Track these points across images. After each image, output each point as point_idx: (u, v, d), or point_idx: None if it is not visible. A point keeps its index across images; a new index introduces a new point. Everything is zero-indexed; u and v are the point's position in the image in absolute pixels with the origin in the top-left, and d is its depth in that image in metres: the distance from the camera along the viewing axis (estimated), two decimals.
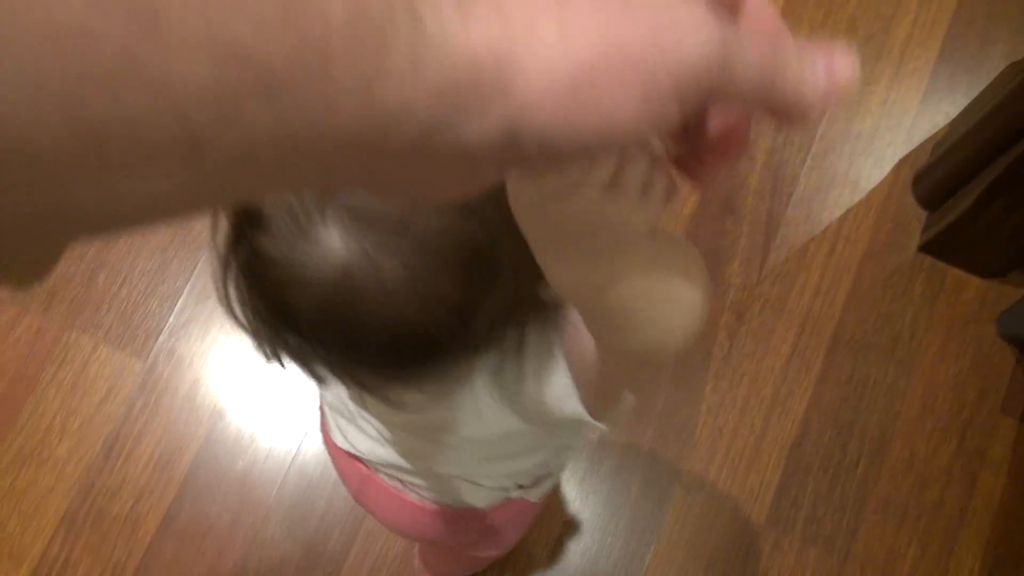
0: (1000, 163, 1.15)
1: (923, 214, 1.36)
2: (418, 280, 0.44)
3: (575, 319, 0.50)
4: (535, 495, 0.81)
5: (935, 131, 1.40)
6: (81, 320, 1.31)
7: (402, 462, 0.73)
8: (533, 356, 0.54)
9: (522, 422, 0.59)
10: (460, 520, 0.80)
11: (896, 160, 1.39)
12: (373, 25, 0.19)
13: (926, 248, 1.33)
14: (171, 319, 1.31)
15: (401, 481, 0.77)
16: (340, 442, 0.78)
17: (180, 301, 1.32)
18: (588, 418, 0.53)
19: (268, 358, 0.51)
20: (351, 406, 0.72)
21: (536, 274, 0.39)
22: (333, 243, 0.43)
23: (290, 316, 0.46)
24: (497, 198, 0.37)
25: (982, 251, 1.29)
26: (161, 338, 1.31)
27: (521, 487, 0.79)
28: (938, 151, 1.35)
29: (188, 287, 1.32)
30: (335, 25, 0.19)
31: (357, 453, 0.76)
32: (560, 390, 0.53)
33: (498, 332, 0.51)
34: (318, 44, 0.19)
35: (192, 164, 0.18)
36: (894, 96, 1.41)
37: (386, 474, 0.77)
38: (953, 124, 1.37)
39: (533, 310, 0.52)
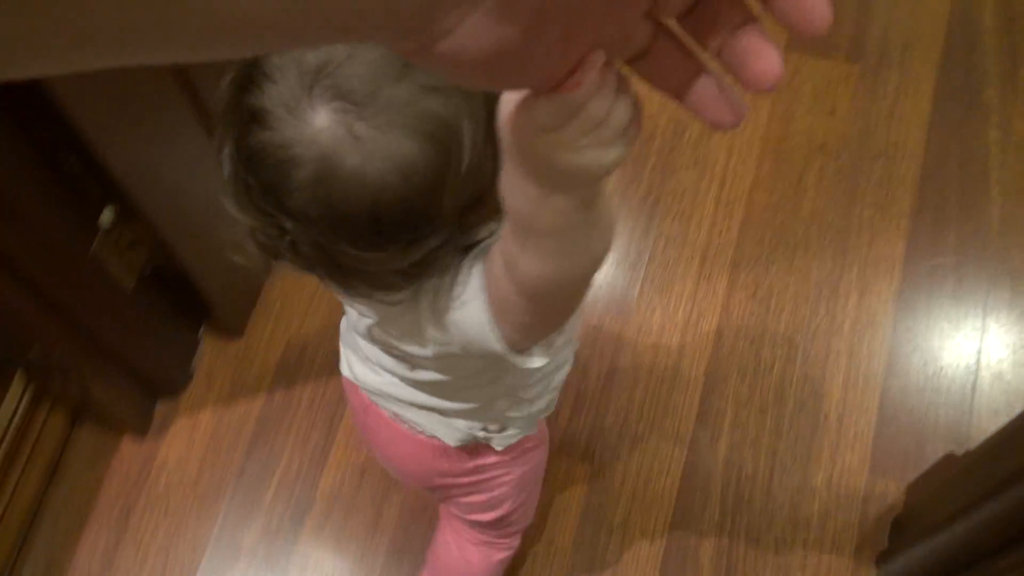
0: None
1: None
2: (391, 145, 0.51)
3: (496, 261, 0.55)
4: (500, 442, 0.87)
5: (891, 502, 1.29)
6: None
7: (388, 389, 0.81)
8: (461, 286, 0.60)
9: (454, 347, 0.65)
10: (444, 457, 0.88)
11: (854, 543, 1.27)
12: None
13: None
14: None
15: (393, 413, 0.85)
16: (345, 371, 0.87)
17: None
18: (506, 351, 0.61)
19: (271, 256, 0.59)
20: (353, 332, 0.79)
21: (490, 177, 0.51)
22: (319, 120, 0.51)
23: (286, 198, 0.54)
24: (461, 89, 0.50)
25: None
26: None
27: (486, 430, 0.85)
28: (896, 536, 1.24)
29: None
30: None
31: (356, 381, 0.85)
32: (478, 322, 0.60)
33: (463, 222, 0.57)
34: None
35: None
36: (839, 470, 1.31)
37: (381, 405, 0.85)
38: (908, 502, 1.26)
39: (478, 222, 0.58)
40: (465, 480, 0.93)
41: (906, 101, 1.51)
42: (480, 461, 0.90)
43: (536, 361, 0.64)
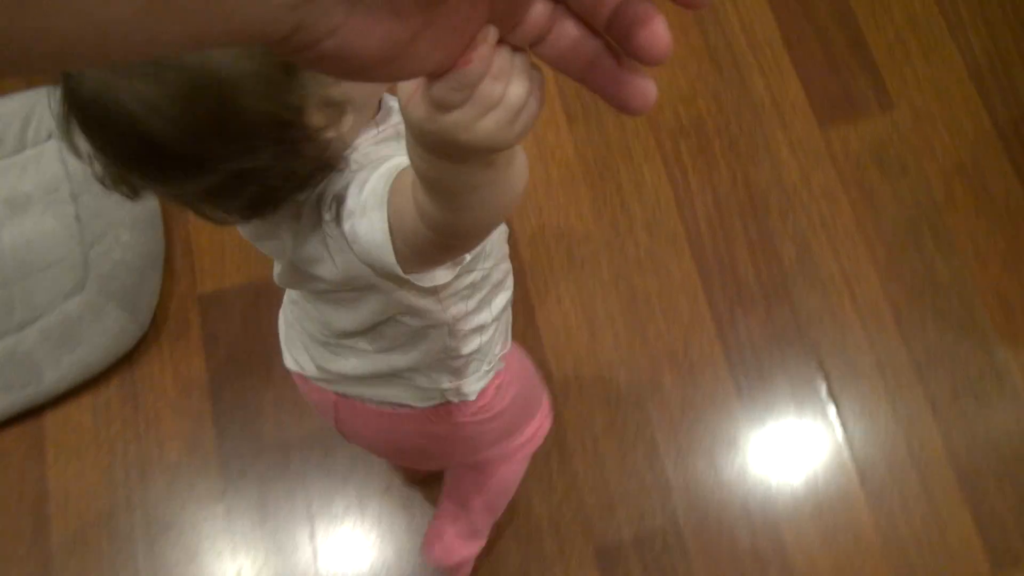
0: None
1: None
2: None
3: (403, 192, 0.55)
4: (470, 388, 0.87)
5: None
6: None
7: (343, 366, 0.84)
8: (356, 195, 0.63)
9: (357, 263, 0.66)
10: (418, 421, 0.88)
11: None
12: None
13: None
14: None
15: (356, 396, 0.88)
16: (291, 365, 0.89)
17: None
18: (398, 270, 0.61)
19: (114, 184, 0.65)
20: (296, 318, 0.86)
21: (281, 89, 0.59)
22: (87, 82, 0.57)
23: (114, 148, 0.60)
24: None
25: None
26: None
27: (451, 383, 0.85)
28: None
29: None
30: None
31: (303, 371, 0.87)
32: (378, 237, 0.60)
33: (287, 135, 0.61)
34: None
35: None
36: None
37: (344, 393, 0.88)
38: None
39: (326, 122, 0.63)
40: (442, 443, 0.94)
41: None
42: (457, 416, 0.90)
43: (441, 277, 0.66)
